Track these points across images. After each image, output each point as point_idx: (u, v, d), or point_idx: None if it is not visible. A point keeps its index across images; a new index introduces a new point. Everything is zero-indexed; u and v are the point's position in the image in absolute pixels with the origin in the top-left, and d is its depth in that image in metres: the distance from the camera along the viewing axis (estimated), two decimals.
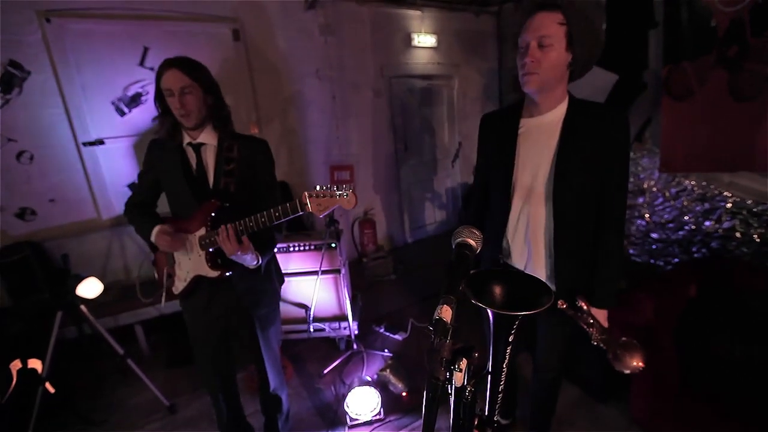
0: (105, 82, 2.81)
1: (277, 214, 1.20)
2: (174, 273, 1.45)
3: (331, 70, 3.74)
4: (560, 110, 1.17)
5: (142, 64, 2.92)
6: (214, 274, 1.36)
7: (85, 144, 2.82)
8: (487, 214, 1.42)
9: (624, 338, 1.08)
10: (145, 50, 2.90)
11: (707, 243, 2.43)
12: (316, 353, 2.59)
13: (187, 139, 1.37)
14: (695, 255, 2.50)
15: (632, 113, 2.62)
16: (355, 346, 2.54)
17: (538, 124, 1.20)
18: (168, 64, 1.26)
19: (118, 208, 2.99)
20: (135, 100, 2.94)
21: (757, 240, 2.20)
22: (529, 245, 1.27)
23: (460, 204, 4.96)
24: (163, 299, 1.45)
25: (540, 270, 1.28)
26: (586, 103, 1.18)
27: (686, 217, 2.51)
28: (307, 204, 1.16)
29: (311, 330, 2.47)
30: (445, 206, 4.93)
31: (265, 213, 1.22)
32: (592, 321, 1.17)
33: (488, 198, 1.40)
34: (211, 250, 1.35)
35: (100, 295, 2.08)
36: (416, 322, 2.81)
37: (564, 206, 1.17)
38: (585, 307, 1.19)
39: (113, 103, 2.88)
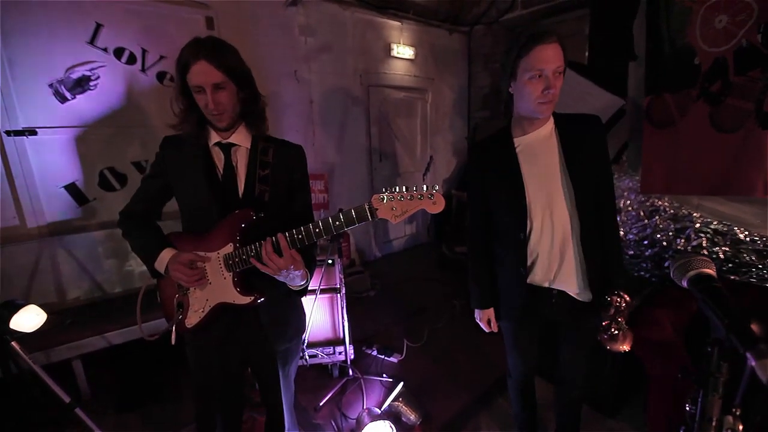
0: (42, 59, 2.30)
1: (337, 223, 0.98)
2: (186, 302, 1.14)
3: (309, 73, 3.52)
4: (549, 125, 1.24)
5: (92, 42, 2.44)
6: (244, 300, 1.09)
7: (9, 133, 2.26)
8: (497, 243, 1.39)
9: (623, 322, 1.18)
10: (98, 27, 2.44)
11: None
12: (304, 383, 2.30)
13: (215, 139, 1.12)
14: (666, 270, 2.72)
15: (611, 137, 2.81)
16: (351, 373, 2.31)
17: (534, 139, 1.24)
18: (196, 54, 1.00)
19: (51, 214, 2.43)
20: (81, 85, 2.44)
21: (722, 257, 2.45)
22: (558, 256, 1.27)
23: (429, 218, 4.95)
24: (174, 337, 1.13)
25: (570, 278, 1.27)
26: (565, 115, 1.27)
27: (659, 236, 2.73)
28: (379, 209, 0.95)
29: (307, 358, 2.20)
30: (415, 219, 4.89)
31: (320, 222, 0.99)
32: (623, 310, 1.20)
33: (491, 228, 1.39)
34: (239, 270, 1.09)
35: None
36: (410, 342, 2.66)
37: (584, 207, 1.22)
38: (627, 299, 1.22)
39: (51, 86, 2.36)
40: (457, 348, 2.63)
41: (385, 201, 0.95)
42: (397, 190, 0.95)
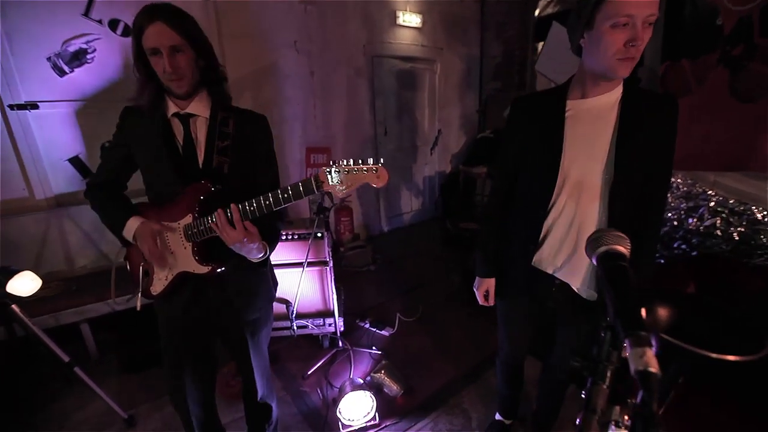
0: (38, 32, 2.33)
1: (285, 195, 0.98)
2: (152, 270, 1.17)
3: (310, 43, 3.43)
4: (616, 93, 1.03)
5: (87, 14, 2.45)
6: (203, 270, 1.11)
7: (12, 107, 2.33)
8: (513, 213, 1.27)
9: None
10: (90, 1, 2.43)
11: (688, 239, 2.51)
12: (296, 352, 2.38)
13: (173, 109, 1.10)
14: (675, 251, 2.58)
15: None
16: (340, 344, 2.36)
17: (591, 107, 1.05)
18: (150, 16, 0.98)
19: (56, 186, 2.53)
20: (78, 58, 2.47)
21: (737, 238, 2.29)
22: (572, 244, 1.14)
23: (437, 193, 4.87)
24: (139, 302, 1.17)
25: (578, 272, 1.16)
26: (640, 89, 1.07)
27: (669, 214, 2.57)
28: (325, 182, 0.94)
29: (294, 328, 2.25)
30: (422, 195, 4.82)
31: (270, 195, 1.00)
32: None
33: (513, 194, 1.25)
34: (199, 241, 1.10)
35: (38, 289, 1.72)
36: (403, 317, 2.68)
37: (621, 198, 1.05)
38: None
39: (50, 60, 2.39)
40: (451, 325, 2.63)
41: (331, 174, 0.94)
42: (346, 163, 0.93)
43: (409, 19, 3.93)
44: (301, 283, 2.21)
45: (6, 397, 2.00)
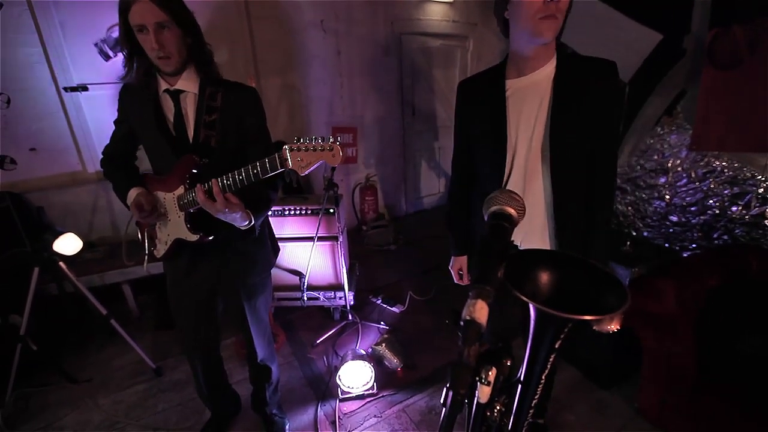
0: (86, 21, 2.55)
1: (255, 171, 1.03)
2: (155, 235, 1.30)
3: (337, 22, 3.43)
4: (550, 66, 1.05)
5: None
6: (193, 237, 1.20)
7: (66, 89, 2.60)
8: (474, 192, 1.30)
9: None
10: None
11: (731, 230, 2.27)
12: (309, 322, 2.51)
13: (163, 86, 1.17)
14: (716, 242, 2.35)
15: (665, 83, 2.38)
16: (350, 317, 2.45)
17: (528, 84, 1.07)
18: None
19: None
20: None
21: None
22: (527, 220, 1.14)
23: None
24: (145, 263, 1.32)
25: (536, 245, 1.16)
26: (576, 57, 1.10)
27: (711, 201, 2.33)
28: (287, 159, 0.98)
29: (305, 299, 2.37)
30: (448, 178, 4.73)
31: (242, 170, 1.05)
32: None
33: (473, 173, 1.28)
34: (191, 211, 1.19)
35: (87, 251, 1.96)
36: (414, 295, 2.71)
37: (563, 171, 1.07)
38: None
39: (97, 45, 2.63)
40: (460, 306, 2.61)
41: (293, 152, 0.97)
42: (305, 141, 0.96)
43: None
44: (312, 256, 2.31)
45: (58, 344, 2.32)
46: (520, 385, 0.55)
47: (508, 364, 0.45)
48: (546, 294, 0.53)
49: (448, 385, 0.39)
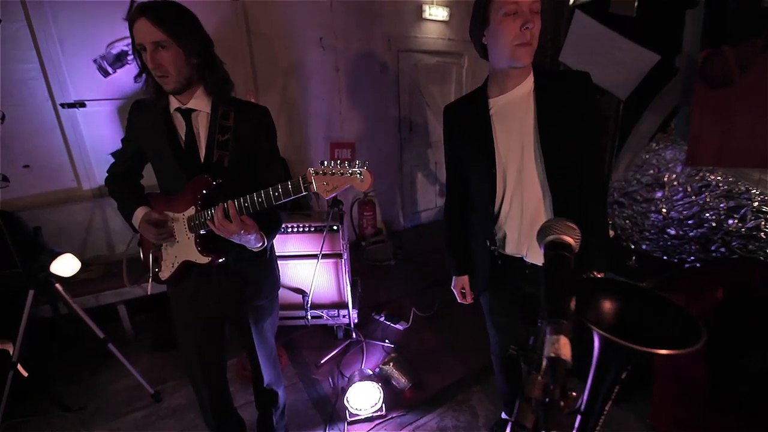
0: (85, 37, 2.53)
1: (276, 194, 1.02)
2: (160, 257, 1.26)
3: (336, 39, 3.48)
4: (528, 82, 1.11)
5: (127, 18, 2.62)
6: (204, 260, 1.17)
7: (63, 105, 2.56)
8: (470, 212, 1.34)
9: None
10: (132, 3, 2.61)
11: (728, 242, 2.32)
12: (312, 341, 2.46)
13: (175, 104, 1.15)
14: (713, 254, 2.40)
15: (658, 101, 2.46)
16: (354, 336, 2.41)
17: (511, 100, 1.12)
18: (138, 12, 1.02)
19: (101, 177, 2.76)
20: (120, 60, 2.67)
21: None
22: (529, 229, 1.19)
23: None
24: (150, 287, 1.26)
25: (540, 258, 1.17)
26: (549, 71, 1.16)
27: (707, 214, 2.39)
28: (312, 183, 0.97)
29: (309, 318, 2.32)
30: (445, 192, 4.76)
31: (262, 193, 1.03)
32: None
33: (468, 194, 1.32)
34: (202, 232, 1.17)
35: (80, 271, 1.89)
36: (418, 312, 2.68)
37: (558, 180, 1.12)
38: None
39: (95, 62, 2.60)
40: (465, 322, 2.60)
41: (318, 175, 0.96)
42: (332, 165, 0.95)
43: (436, 12, 3.88)
44: (316, 274, 2.27)
45: (50, 369, 2.22)
46: (579, 416, 0.54)
47: (573, 395, 0.44)
48: (608, 323, 0.52)
49: (530, 425, 0.37)
